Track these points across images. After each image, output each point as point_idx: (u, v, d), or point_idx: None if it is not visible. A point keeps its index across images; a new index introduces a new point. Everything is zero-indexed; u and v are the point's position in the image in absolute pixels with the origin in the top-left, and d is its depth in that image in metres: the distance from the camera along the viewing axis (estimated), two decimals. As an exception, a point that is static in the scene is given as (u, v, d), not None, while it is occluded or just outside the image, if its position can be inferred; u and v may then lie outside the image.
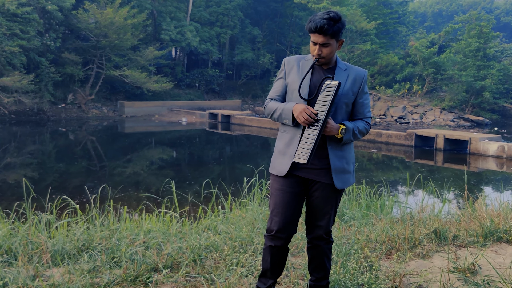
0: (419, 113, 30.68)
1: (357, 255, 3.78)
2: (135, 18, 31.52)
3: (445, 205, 6.33)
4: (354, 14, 34.48)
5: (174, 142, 22.89)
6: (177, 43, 35.75)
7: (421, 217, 5.13)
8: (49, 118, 28.77)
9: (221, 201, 5.48)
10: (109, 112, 32.16)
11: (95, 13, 29.69)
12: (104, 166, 16.02)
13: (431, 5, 76.59)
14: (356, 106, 3.01)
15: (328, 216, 2.99)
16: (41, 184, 12.66)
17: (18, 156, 17.37)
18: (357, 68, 3.03)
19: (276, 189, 2.98)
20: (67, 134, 24.46)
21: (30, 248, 3.66)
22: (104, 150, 20.24)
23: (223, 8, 38.84)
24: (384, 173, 15.71)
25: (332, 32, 2.81)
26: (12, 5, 25.93)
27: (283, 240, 2.96)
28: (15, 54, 26.22)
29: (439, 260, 3.97)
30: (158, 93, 34.32)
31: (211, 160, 17.77)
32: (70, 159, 17.38)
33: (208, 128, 27.75)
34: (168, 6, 36.55)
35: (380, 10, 39.90)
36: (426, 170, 16.21)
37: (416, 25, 55.66)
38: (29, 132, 24.14)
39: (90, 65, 32.04)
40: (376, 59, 35.02)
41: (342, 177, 2.95)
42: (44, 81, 28.70)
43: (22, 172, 14.35)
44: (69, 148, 20.61)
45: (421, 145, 19.89)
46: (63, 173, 14.48)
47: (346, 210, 5.45)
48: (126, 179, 13.61)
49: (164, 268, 3.46)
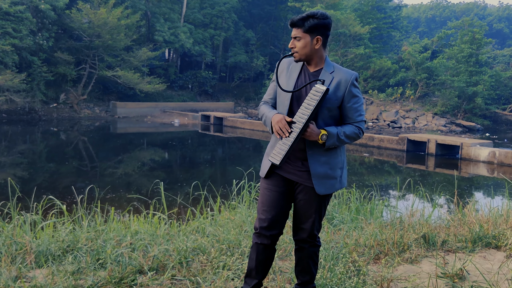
0: (411, 117, 30.78)
1: (345, 260, 3.75)
2: (128, 19, 31.46)
3: (435, 210, 6.32)
4: (348, 18, 34.57)
5: (166, 144, 22.82)
6: (170, 44, 35.70)
7: (411, 221, 5.11)
8: (40, 118, 28.62)
9: (210, 203, 5.44)
10: (101, 112, 32.03)
11: (89, 13, 29.60)
12: (95, 167, 15.94)
13: (425, 11, 77.06)
14: (345, 111, 2.92)
15: (311, 220, 2.95)
16: (30, 184, 12.55)
17: (8, 156, 17.23)
18: (346, 70, 2.92)
19: (263, 188, 3.00)
20: (58, 134, 24.32)
21: (14, 248, 3.61)
22: (95, 150, 20.13)
23: (217, 10, 38.82)
24: (376, 177, 15.72)
25: (303, 26, 2.82)
26: (5, 4, 25.82)
27: (268, 238, 2.95)
28: (7, 52, 26.08)
29: (428, 265, 3.95)
30: (150, 94, 34.25)
31: (203, 162, 17.72)
32: (61, 159, 17.27)
33: (200, 130, 27.68)
34: (162, 7, 36.50)
35: (374, 14, 40.08)
36: (418, 174, 16.23)
37: (409, 30, 55.98)
38: (20, 131, 23.98)
39: (82, 65, 31.91)
40: (369, 63, 35.14)
41: (325, 183, 2.89)
42: (36, 80, 28.56)
43: (12, 172, 14.24)
44: (60, 148, 20.49)
45: (413, 149, 19.93)
46: (53, 173, 14.39)
47: (336, 214, 5.42)
48: (116, 180, 13.54)
49: (149, 271, 3.42)
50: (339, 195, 6.07)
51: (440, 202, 10.60)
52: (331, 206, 5.61)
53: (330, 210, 5.46)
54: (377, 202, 6.35)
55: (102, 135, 25.26)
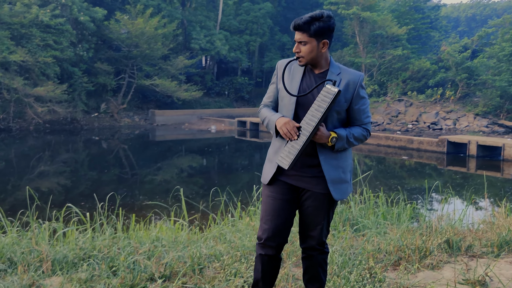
0: (452, 119, 30.01)
1: (361, 266, 3.65)
2: (165, 28, 31.93)
3: (467, 214, 6.10)
4: (385, 19, 34.10)
5: (203, 150, 23.00)
6: (206, 51, 36.04)
7: (438, 226, 4.95)
8: (82, 127, 29.33)
9: (231, 210, 5.43)
10: (140, 120, 32.59)
11: (127, 23, 30.22)
12: (135, 174, 16.19)
13: (464, 10, 75.25)
14: (353, 113, 2.84)
15: (320, 227, 2.86)
16: (74, 191, 12.89)
17: (52, 165, 17.74)
18: (352, 71, 2.85)
19: (267, 196, 2.89)
20: (99, 142, 24.87)
21: (32, 256, 3.67)
22: (135, 158, 20.47)
23: (253, 16, 38.96)
24: (416, 180, 15.37)
25: (309, 30, 2.70)
26: (46, 17, 26.60)
27: (273, 248, 2.85)
28: (49, 64, 26.85)
29: (449, 271, 3.80)
30: (188, 101, 34.63)
31: (239, 168, 17.76)
32: (102, 167, 17.64)
33: (237, 135, 27.79)
34: (198, 15, 36.91)
35: (411, 15, 39.38)
36: (459, 177, 15.83)
37: (449, 30, 54.74)
38: (63, 140, 24.64)
39: (122, 74, 32.55)
40: (407, 64, 34.48)
41: (340, 187, 2.82)
42: (77, 91, 29.29)
43: (55, 180, 14.64)
44: (101, 156, 20.92)
45: (454, 151, 19.44)
46: (95, 181, 14.67)
47: (360, 218, 5.30)
48: (156, 186, 13.70)
49: (161, 278, 3.41)
50: (365, 199, 5.93)
51: (482, 205, 10.28)
52: (357, 211, 5.49)
53: (354, 215, 5.35)
54: (407, 205, 6.18)
55: (141, 143, 25.68)
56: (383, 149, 21.57)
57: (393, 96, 32.90)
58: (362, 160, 19.57)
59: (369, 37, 35.00)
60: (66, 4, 28.22)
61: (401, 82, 33.81)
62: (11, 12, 26.53)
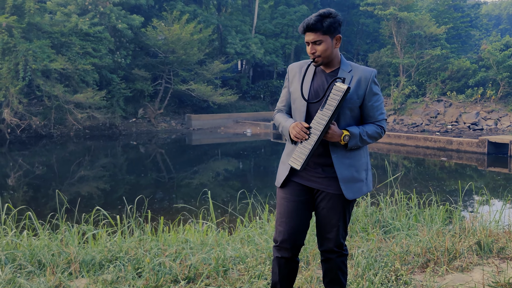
0: (493, 119, 29.20)
1: (386, 268, 3.59)
2: (201, 33, 32.23)
3: (504, 215, 5.92)
4: (422, 19, 33.51)
5: (239, 154, 23.09)
6: (242, 55, 36.20)
7: (470, 227, 4.82)
8: (120, 132, 29.88)
9: (258, 212, 5.42)
10: (177, 125, 32.97)
11: (163, 30, 30.67)
12: (172, 178, 16.39)
13: (506, 7, 73.10)
14: (366, 110, 2.81)
15: (336, 228, 2.81)
16: (112, 195, 13.15)
17: (91, 169, 18.15)
18: (364, 68, 2.81)
19: (281, 198, 2.87)
20: (137, 147, 25.29)
21: (60, 258, 3.76)
22: (172, 162, 20.72)
23: (288, 19, 38.91)
24: (455, 181, 15.02)
25: (322, 27, 2.68)
26: (85, 25, 27.25)
27: (289, 251, 2.82)
28: (88, 71, 27.47)
29: (479, 274, 3.69)
30: (223, 105, 34.86)
31: (275, 171, 17.72)
32: (140, 171, 17.94)
33: (272, 139, 27.77)
34: (233, 20, 37.13)
35: (450, 14, 38.56)
36: (500, 178, 15.41)
37: (489, 28, 53.32)
38: (102, 146, 25.17)
39: (158, 80, 33.02)
40: (446, 64, 33.75)
41: (352, 186, 2.77)
42: (116, 97, 29.86)
43: (95, 184, 14.98)
44: (139, 160, 21.26)
45: (494, 152, 18.93)
46: (133, 185, 14.91)
47: (391, 220, 5.21)
48: (193, 190, 13.81)
49: (185, 280, 3.44)
50: (396, 200, 5.84)
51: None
52: (387, 213, 5.40)
53: (385, 217, 5.26)
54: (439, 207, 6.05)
55: (178, 147, 25.98)
56: (422, 150, 21.19)
57: (432, 97, 32.26)
58: (401, 161, 19.29)
59: (407, 37, 34.44)
60: (104, 12, 28.85)
61: (440, 82, 33.13)
62: (52, 21, 27.30)
